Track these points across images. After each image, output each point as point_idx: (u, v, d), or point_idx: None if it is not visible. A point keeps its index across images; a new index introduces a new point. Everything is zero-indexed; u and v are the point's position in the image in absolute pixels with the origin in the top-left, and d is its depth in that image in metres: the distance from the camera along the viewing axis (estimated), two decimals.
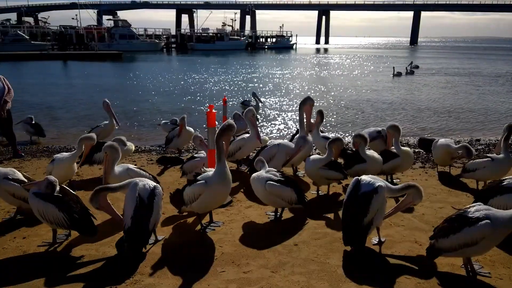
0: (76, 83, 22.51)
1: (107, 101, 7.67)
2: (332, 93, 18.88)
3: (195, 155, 5.45)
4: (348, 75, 28.41)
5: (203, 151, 5.40)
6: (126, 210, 3.57)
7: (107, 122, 7.66)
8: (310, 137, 5.91)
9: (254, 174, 4.43)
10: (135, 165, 6.75)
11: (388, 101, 16.43)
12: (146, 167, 6.91)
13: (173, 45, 72.96)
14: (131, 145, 6.42)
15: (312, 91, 19.68)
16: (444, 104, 15.80)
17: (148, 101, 16.14)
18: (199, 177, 4.05)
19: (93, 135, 5.21)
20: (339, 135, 5.83)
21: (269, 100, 16.35)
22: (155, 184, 3.74)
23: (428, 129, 11.53)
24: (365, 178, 3.75)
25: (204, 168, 4.45)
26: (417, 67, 30.10)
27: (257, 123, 6.39)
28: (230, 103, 15.22)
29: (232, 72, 30.11)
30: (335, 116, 13.21)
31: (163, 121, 9.22)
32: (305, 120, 5.76)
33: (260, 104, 14.31)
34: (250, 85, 22.14)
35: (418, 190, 3.60)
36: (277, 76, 27.82)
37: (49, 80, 23.41)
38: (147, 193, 3.60)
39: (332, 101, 16.33)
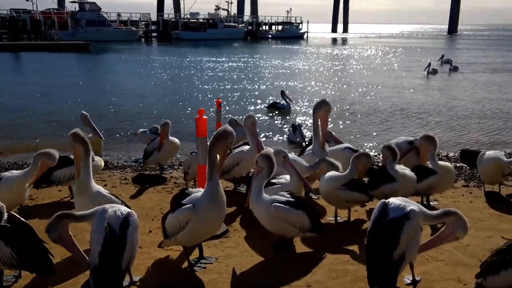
0: (30, 81, 22.62)
1: (85, 113, 7.94)
2: (352, 94, 18.95)
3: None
4: (371, 72, 28.56)
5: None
6: (92, 245, 3.54)
7: (91, 135, 7.85)
8: (327, 149, 5.92)
9: (254, 195, 4.42)
10: (105, 186, 6.82)
11: (421, 104, 16.48)
12: (119, 188, 6.90)
13: (154, 34, 73.52)
14: (99, 160, 6.41)
15: (328, 92, 19.75)
16: (491, 108, 15.82)
17: (122, 104, 16.18)
18: (185, 199, 4.03)
19: (55, 153, 5.17)
20: (366, 151, 5.79)
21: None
22: (128, 210, 3.71)
23: (472, 139, 11.56)
24: (394, 201, 3.74)
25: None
26: (449, 61, 30.32)
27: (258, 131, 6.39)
28: (226, 106, 15.25)
29: (228, 67, 30.29)
30: (355, 123, 13.23)
31: (141, 130, 9.23)
32: (320, 129, 5.78)
33: (291, 104, 14.67)
34: (250, 83, 22.24)
35: (461, 220, 3.56)
36: (284, 72, 27.96)
37: None
38: (119, 223, 3.57)
39: (351, 104, 16.39)
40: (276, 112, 14.66)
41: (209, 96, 17.92)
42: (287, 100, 14.76)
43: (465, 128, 12.74)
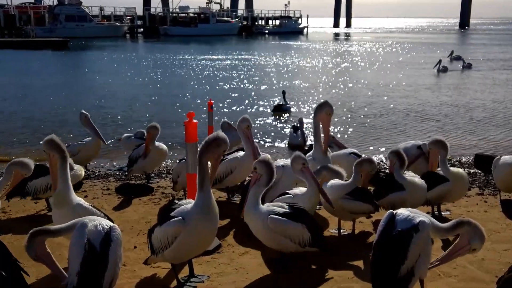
0: (2, 81, 22.48)
1: (85, 112, 7.96)
2: (357, 94, 19.04)
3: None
4: (377, 69, 28.72)
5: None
6: (71, 263, 3.51)
7: (90, 138, 7.91)
8: (329, 154, 5.92)
9: (249, 206, 4.40)
10: (85, 197, 6.79)
11: (433, 105, 16.56)
12: (101, 199, 6.88)
13: (140, 30, 73.66)
14: (80, 169, 6.39)
15: (332, 92, 19.82)
16: (507, 109, 15.88)
17: (104, 107, 16.17)
18: (174, 211, 4.02)
19: (29, 162, 5.13)
20: (370, 156, 5.78)
21: (271, 103, 16.42)
22: (111, 224, 3.69)
23: (486, 142, 11.60)
24: (402, 211, 3.74)
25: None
26: (459, 58, 30.52)
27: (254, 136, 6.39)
28: (219, 108, 15.26)
29: (221, 66, 30.35)
30: (362, 126, 13.27)
31: (125, 135, 9.22)
32: (322, 133, 5.80)
33: (288, 106, 14.89)
34: (245, 83, 22.28)
35: (476, 229, 3.56)
36: (283, 70, 28.05)
37: None
38: (100, 238, 3.54)
39: (357, 105, 16.45)
40: (283, 115, 14.66)
41: (200, 97, 17.95)
42: (286, 101, 14.90)
43: (479, 130, 12.79)
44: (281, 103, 15.22)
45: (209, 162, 4.08)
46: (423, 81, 22.85)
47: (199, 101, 17.02)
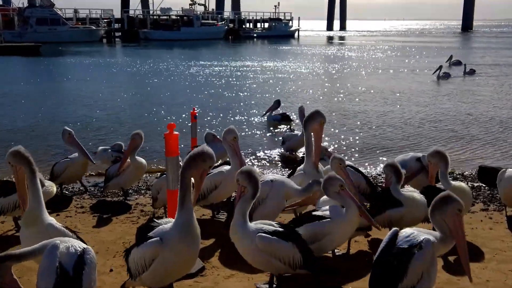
0: None
1: (68, 129, 7.86)
2: (353, 102, 19.16)
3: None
4: (373, 76, 28.88)
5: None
6: None
7: (76, 154, 7.83)
8: (321, 168, 5.95)
9: (236, 224, 4.39)
10: (57, 216, 6.74)
11: (431, 114, 16.68)
12: (74, 218, 6.85)
13: (118, 34, 73.63)
14: (51, 185, 6.36)
15: (322, 101, 19.91)
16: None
17: (78, 117, 16.09)
18: (152, 231, 4.01)
19: None
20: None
21: (260, 111, 16.46)
22: (84, 246, 3.67)
23: (490, 154, 11.69)
24: (406, 230, 3.85)
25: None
26: (459, 63, 30.82)
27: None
28: (203, 118, 15.24)
29: (206, 72, 30.38)
30: (356, 138, 13.32)
31: (101, 148, 9.21)
32: (313, 145, 5.82)
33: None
34: (232, 91, 22.31)
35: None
36: (273, 77, 28.13)
37: None
38: (73, 261, 3.52)
39: (351, 115, 16.52)
40: (279, 126, 14.61)
41: (183, 106, 17.92)
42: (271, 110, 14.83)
43: (486, 142, 12.82)
44: (287, 112, 15.28)
45: (192, 179, 4.08)
46: (422, 88, 23.02)
47: (181, 110, 17.01)
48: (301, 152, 10.42)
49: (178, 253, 3.90)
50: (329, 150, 7.51)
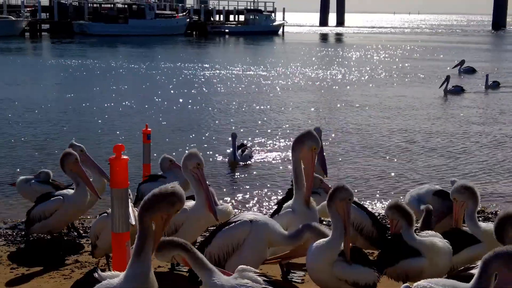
0: None
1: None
2: (349, 120, 19.40)
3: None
4: (376, 85, 29.16)
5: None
6: None
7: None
8: (314, 207, 5.90)
9: (206, 275, 4.32)
10: None
11: (451, 135, 16.96)
12: None
13: (46, 26, 73.40)
14: None
15: (313, 118, 20.04)
16: None
17: None
18: (97, 285, 3.97)
19: None
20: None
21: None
22: None
23: None
24: (424, 284, 3.87)
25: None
26: (472, 70, 31.26)
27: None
28: (159, 138, 15.14)
29: (161, 80, 30.30)
30: (355, 165, 13.42)
31: (22, 178, 9.10)
32: (304, 176, 5.83)
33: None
34: (195, 104, 22.30)
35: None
36: (249, 87, 28.24)
37: None
38: None
39: (348, 138, 16.63)
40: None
41: (133, 123, 17.87)
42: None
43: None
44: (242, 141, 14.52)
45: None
46: (433, 103, 23.48)
47: (129, 128, 16.94)
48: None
49: None
50: (324, 181, 7.47)
